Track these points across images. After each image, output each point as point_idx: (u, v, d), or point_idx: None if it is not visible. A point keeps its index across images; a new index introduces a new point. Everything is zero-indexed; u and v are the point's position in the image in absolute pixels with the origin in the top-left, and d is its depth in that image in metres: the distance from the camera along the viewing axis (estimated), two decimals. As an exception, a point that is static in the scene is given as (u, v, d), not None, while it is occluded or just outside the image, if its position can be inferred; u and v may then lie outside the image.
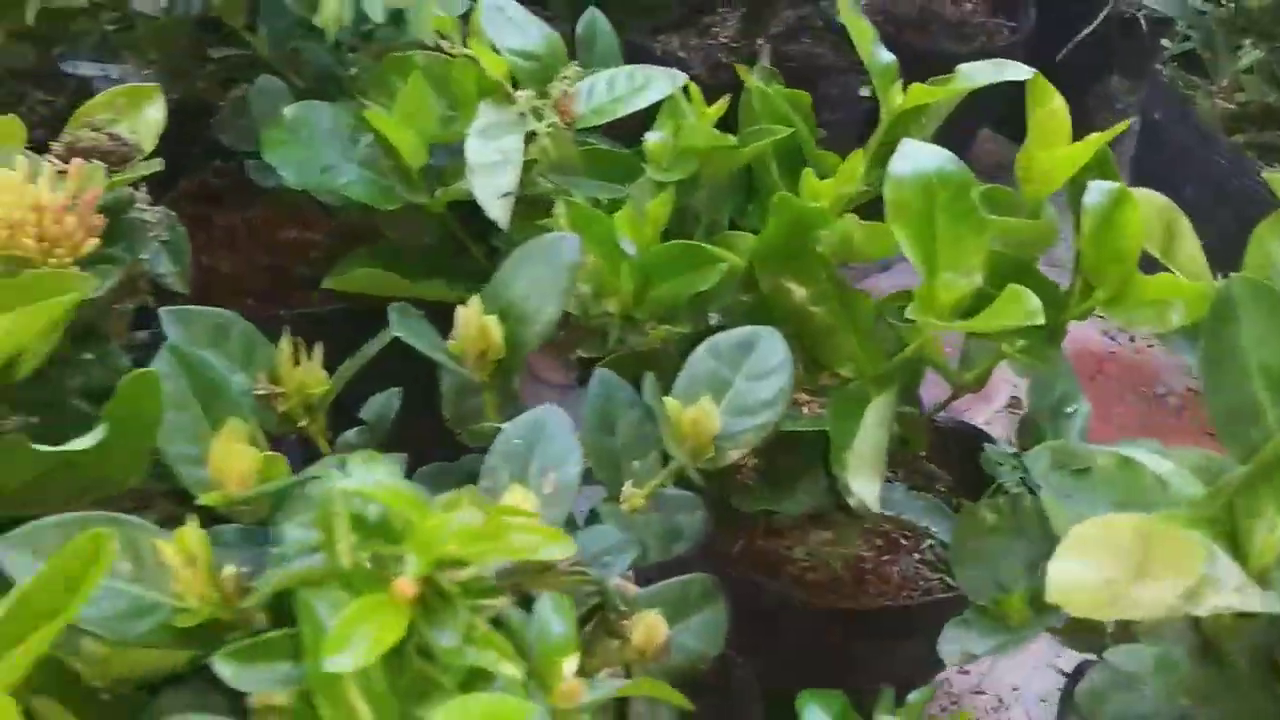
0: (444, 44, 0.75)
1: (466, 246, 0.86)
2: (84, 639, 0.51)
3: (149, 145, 0.73)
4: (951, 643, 0.65)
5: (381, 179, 0.80)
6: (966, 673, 1.04)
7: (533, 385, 1.15)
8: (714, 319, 0.75)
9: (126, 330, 0.72)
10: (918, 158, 0.63)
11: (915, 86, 0.76)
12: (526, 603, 0.43)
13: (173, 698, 0.49)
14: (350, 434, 0.66)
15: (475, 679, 0.36)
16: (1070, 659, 1.05)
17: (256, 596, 0.41)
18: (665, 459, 0.63)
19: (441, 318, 0.69)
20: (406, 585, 0.35)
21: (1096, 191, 0.61)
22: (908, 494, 0.81)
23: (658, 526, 0.59)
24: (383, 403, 0.66)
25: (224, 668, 0.39)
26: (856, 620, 0.81)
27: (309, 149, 0.81)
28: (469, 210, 0.82)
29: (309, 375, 0.63)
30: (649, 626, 0.48)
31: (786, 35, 1.36)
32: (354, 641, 0.34)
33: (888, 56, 0.77)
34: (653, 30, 1.32)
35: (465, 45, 0.76)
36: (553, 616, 0.41)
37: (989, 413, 1.19)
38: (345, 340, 0.68)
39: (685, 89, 0.76)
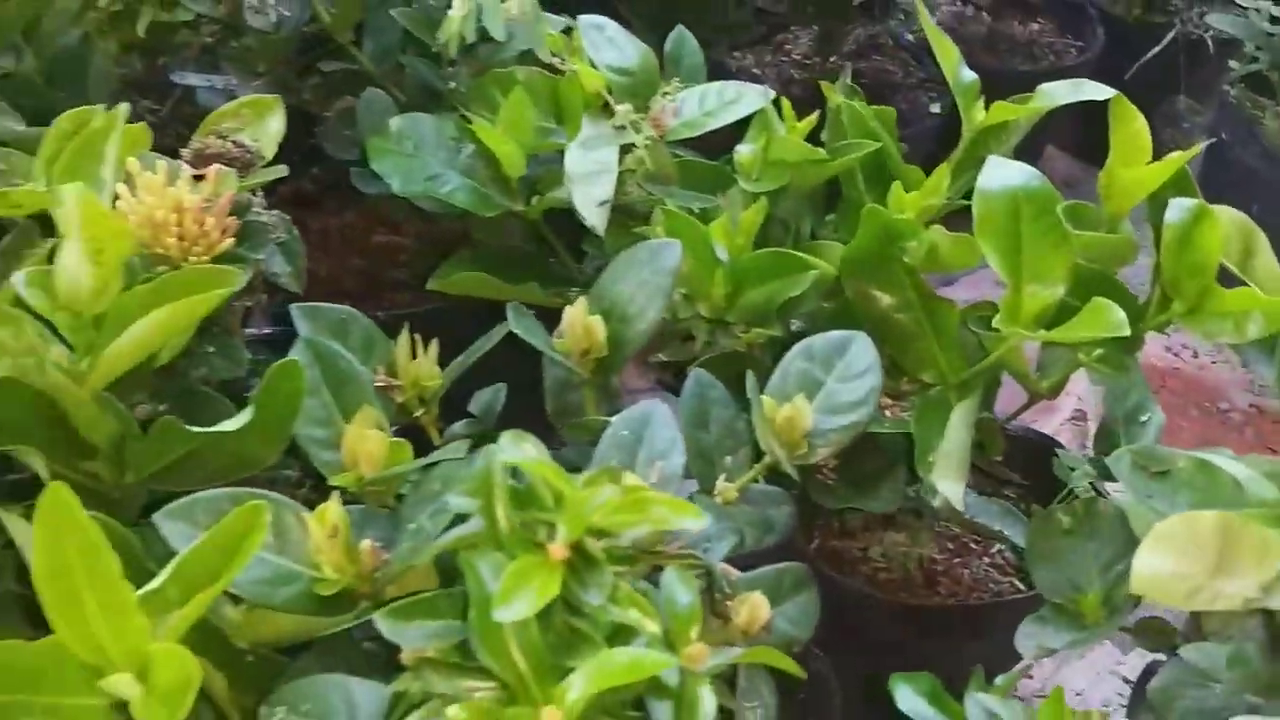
0: (555, 61, 0.79)
1: (556, 252, 0.90)
2: (225, 605, 0.56)
3: (270, 153, 0.77)
4: (1029, 638, 0.68)
5: (482, 187, 0.85)
6: (1030, 677, 1.06)
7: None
8: (795, 325, 0.78)
9: (240, 325, 0.76)
10: (1004, 174, 0.66)
11: (997, 104, 0.79)
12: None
13: (309, 660, 0.53)
14: (458, 425, 0.70)
15: (619, 634, 0.40)
16: (1133, 667, 1.07)
17: (426, 555, 0.45)
18: (755, 455, 0.66)
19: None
20: (559, 550, 0.39)
21: (1177, 208, 0.64)
22: (981, 498, 0.84)
23: (752, 517, 0.63)
24: (489, 397, 0.70)
25: (383, 624, 0.43)
26: (928, 618, 0.84)
27: (414, 159, 0.85)
28: (560, 217, 0.87)
29: (424, 369, 0.67)
30: (753, 606, 0.51)
31: (857, 53, 1.40)
32: (518, 596, 0.38)
33: (970, 75, 0.80)
34: (729, 48, 1.36)
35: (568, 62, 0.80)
36: (679, 587, 0.44)
37: (1054, 425, 1.22)
38: (438, 339, 0.72)
39: (776, 104, 0.80)
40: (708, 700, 0.41)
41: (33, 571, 0.43)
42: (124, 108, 0.61)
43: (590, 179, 0.77)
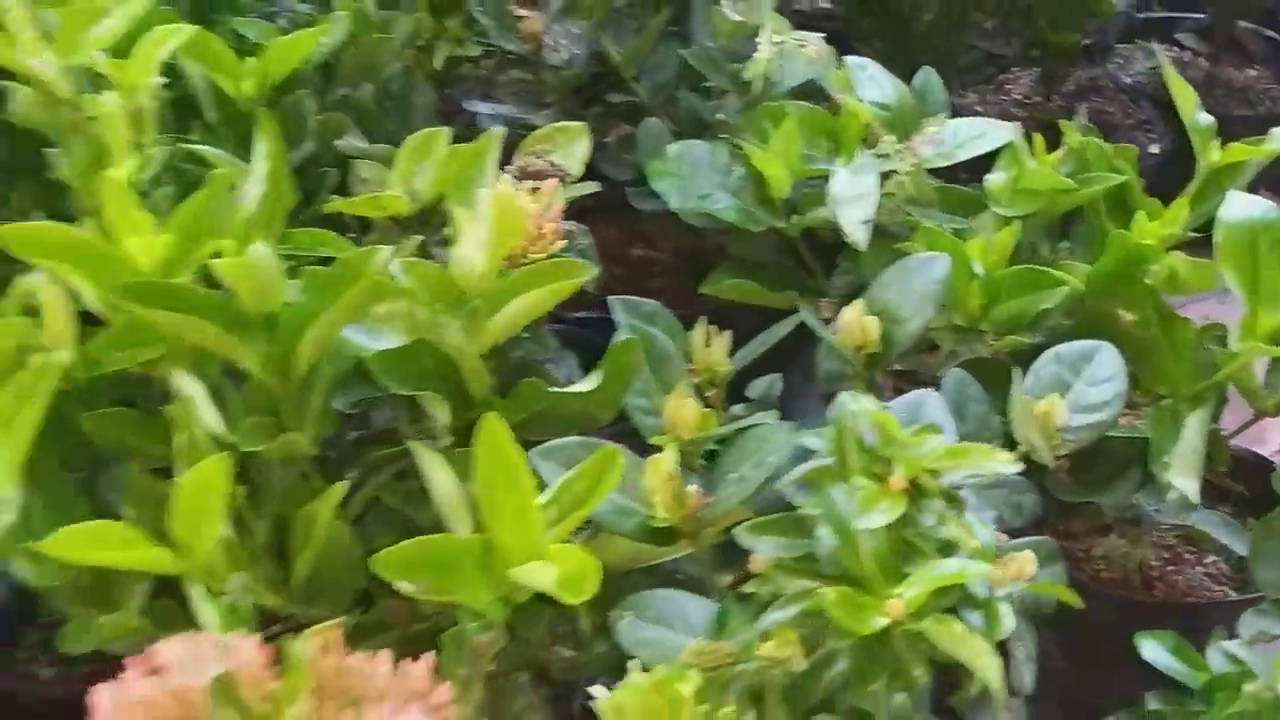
0: (839, 97, 0.90)
1: (810, 266, 1.00)
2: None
3: (576, 172, 0.90)
4: (1250, 627, 0.75)
5: (748, 206, 0.96)
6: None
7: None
8: (1038, 338, 0.87)
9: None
10: (1244, 206, 0.74)
11: (1232, 146, 0.86)
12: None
13: (637, 580, 0.65)
14: (738, 407, 0.81)
15: (945, 549, 0.50)
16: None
17: (783, 484, 0.55)
18: (1006, 447, 0.75)
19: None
20: (899, 481, 0.50)
21: None
22: (1202, 510, 0.91)
23: (1006, 499, 0.72)
24: (766, 384, 0.80)
25: (744, 536, 0.54)
26: (1149, 613, 0.91)
27: (688, 180, 0.97)
28: (816, 235, 0.97)
29: (715, 356, 0.78)
30: (1022, 562, 0.60)
31: (1076, 94, 1.47)
32: (872, 511, 0.49)
33: (1207, 118, 0.88)
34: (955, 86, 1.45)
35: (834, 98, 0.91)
36: (979, 526, 0.54)
37: (1268, 452, 1.25)
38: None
39: (1028, 138, 0.89)
40: (1008, 613, 0.51)
41: (472, 482, 0.55)
42: (499, 132, 0.75)
43: (854, 201, 0.88)
